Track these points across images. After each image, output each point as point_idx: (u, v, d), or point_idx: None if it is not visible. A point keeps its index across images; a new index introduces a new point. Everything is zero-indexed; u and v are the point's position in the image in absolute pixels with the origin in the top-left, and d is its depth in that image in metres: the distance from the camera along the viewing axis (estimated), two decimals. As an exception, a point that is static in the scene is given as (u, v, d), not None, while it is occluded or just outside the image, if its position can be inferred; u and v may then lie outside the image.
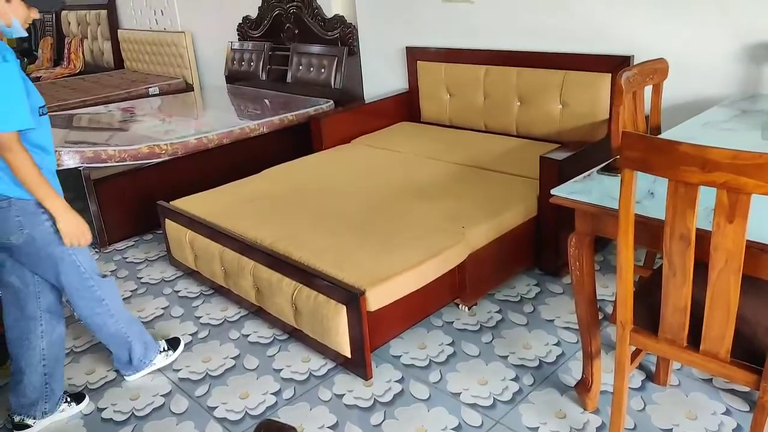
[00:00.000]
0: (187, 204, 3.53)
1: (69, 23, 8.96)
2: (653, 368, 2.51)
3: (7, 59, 2.09)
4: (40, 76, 8.37)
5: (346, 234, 2.97)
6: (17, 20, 2.28)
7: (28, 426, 2.54)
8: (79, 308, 2.56)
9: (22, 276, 2.46)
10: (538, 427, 2.33)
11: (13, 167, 2.14)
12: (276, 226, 3.14)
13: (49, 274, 2.44)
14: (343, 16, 5.04)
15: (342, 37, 5.06)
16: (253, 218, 3.26)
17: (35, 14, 2.36)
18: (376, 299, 2.53)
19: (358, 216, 3.16)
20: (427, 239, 2.84)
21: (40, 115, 2.27)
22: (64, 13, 9.04)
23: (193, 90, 6.81)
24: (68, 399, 2.65)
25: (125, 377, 2.81)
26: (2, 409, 2.65)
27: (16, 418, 2.54)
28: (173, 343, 2.96)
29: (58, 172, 2.50)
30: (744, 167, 1.47)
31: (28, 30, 2.35)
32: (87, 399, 2.69)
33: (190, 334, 3.11)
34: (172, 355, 2.91)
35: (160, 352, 2.87)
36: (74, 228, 2.36)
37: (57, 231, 2.33)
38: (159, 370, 2.85)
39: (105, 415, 2.60)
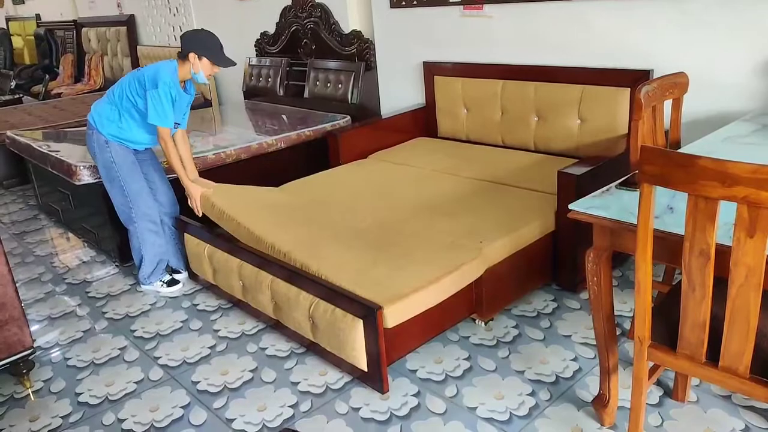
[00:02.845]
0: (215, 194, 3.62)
1: (89, 40, 9.09)
2: (671, 384, 2.49)
3: (169, 85, 3.34)
4: (61, 93, 8.49)
5: (363, 249, 2.98)
6: (203, 73, 3.41)
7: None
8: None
9: None
10: (555, 443, 2.32)
11: (165, 150, 3.46)
12: (294, 234, 3.17)
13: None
14: (360, 32, 5.08)
15: (359, 53, 5.10)
16: (272, 223, 3.30)
17: (217, 70, 3.46)
18: (394, 316, 2.53)
19: (375, 231, 3.17)
20: (444, 255, 2.84)
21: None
22: (84, 30, 9.19)
23: (211, 105, 6.87)
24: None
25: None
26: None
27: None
28: (172, 282, 3.76)
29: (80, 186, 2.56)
30: (765, 182, 1.46)
31: (50, 46, 3.45)
32: (179, 285, 3.78)
33: (209, 347, 3.13)
34: (166, 290, 3.72)
35: (160, 281, 3.74)
36: (191, 195, 3.59)
37: (114, 162, 3.51)
38: (178, 382, 2.87)
39: (125, 426, 2.62)
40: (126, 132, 3.51)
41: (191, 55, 3.36)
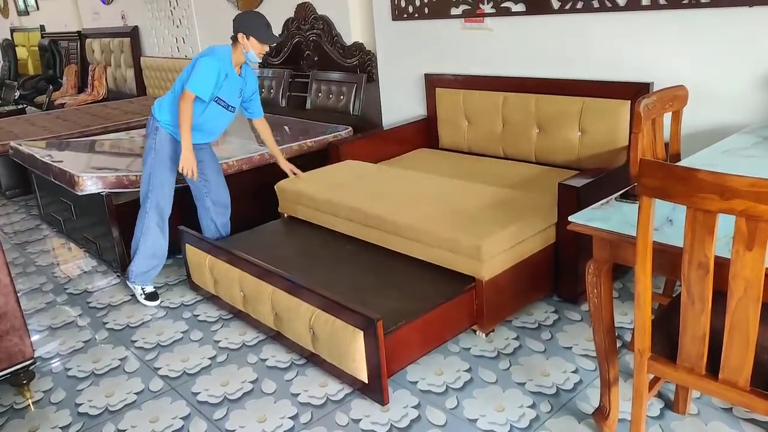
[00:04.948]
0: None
1: (93, 51, 9.14)
2: (672, 396, 2.48)
3: (219, 60, 3.41)
4: (65, 103, 8.53)
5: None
6: (253, 51, 3.48)
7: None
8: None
9: None
10: (556, 456, 2.32)
11: (179, 109, 3.39)
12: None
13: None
14: (362, 44, 5.11)
15: (361, 64, 5.12)
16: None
17: (266, 48, 3.57)
18: (491, 249, 2.85)
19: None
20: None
21: (215, 102, 3.53)
22: (88, 41, 9.24)
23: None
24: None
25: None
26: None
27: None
28: (152, 297, 3.76)
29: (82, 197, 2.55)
30: (764, 195, 1.47)
31: (54, 56, 3.52)
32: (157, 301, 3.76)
33: (209, 358, 3.13)
34: (144, 301, 3.74)
35: (141, 289, 3.76)
36: (185, 160, 3.46)
37: (154, 149, 3.58)
38: (178, 392, 2.87)
39: (124, 437, 2.63)
40: (176, 117, 3.52)
41: (240, 36, 3.43)
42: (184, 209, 4.00)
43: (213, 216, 3.86)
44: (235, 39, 3.47)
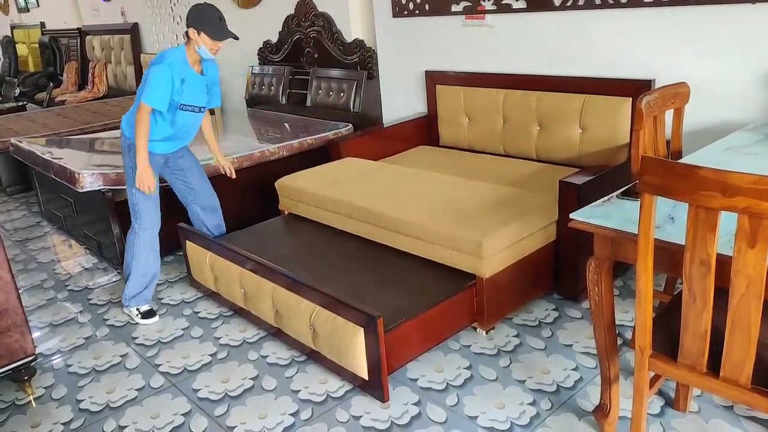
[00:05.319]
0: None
1: (93, 48, 9.13)
2: (673, 394, 2.49)
3: (169, 66, 3.20)
4: (65, 100, 8.52)
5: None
6: (204, 48, 3.25)
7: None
8: None
9: None
10: (556, 453, 2.32)
11: (135, 122, 3.22)
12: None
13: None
14: (362, 41, 5.10)
15: (361, 61, 5.11)
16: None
17: (221, 45, 3.30)
18: (491, 247, 2.86)
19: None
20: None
21: (180, 109, 3.33)
22: (88, 38, 9.23)
23: (214, 114, 6.89)
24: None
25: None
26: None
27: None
28: (148, 314, 3.54)
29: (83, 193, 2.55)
30: (766, 192, 1.46)
31: (54, 53, 3.39)
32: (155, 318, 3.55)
33: (210, 355, 3.14)
34: (140, 320, 3.51)
35: (137, 310, 3.53)
36: (143, 177, 3.28)
37: (132, 168, 3.33)
38: (179, 389, 2.87)
39: (124, 434, 2.63)
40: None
41: (191, 32, 3.23)
42: (183, 207, 4.00)
43: (204, 220, 3.76)
44: (187, 35, 3.27)
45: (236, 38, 3.35)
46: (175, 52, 3.29)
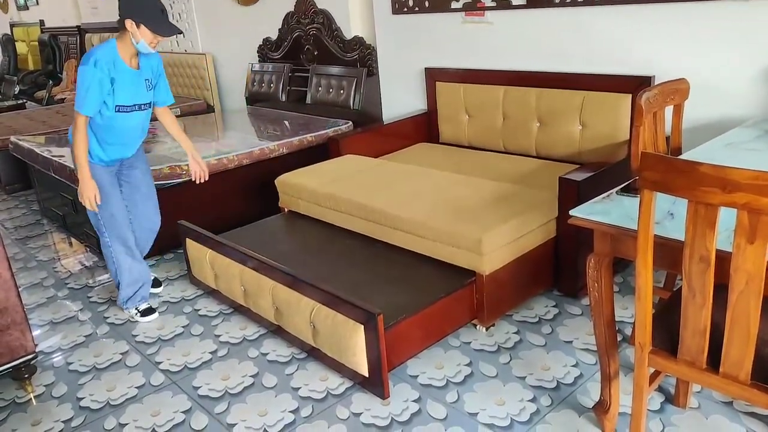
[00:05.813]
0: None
1: (93, 45, 9.11)
2: (673, 390, 2.49)
3: (96, 66, 2.92)
4: (65, 98, 8.50)
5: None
6: (144, 41, 2.97)
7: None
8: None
9: None
10: (556, 449, 2.32)
11: (72, 132, 3.03)
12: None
13: None
14: (362, 38, 5.09)
15: (361, 59, 5.11)
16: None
17: (160, 39, 3.02)
18: (491, 243, 2.86)
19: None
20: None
21: (116, 112, 3.07)
22: (87, 36, 9.21)
23: (214, 111, 6.90)
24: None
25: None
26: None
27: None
28: (147, 312, 3.50)
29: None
30: (765, 188, 1.47)
31: (53, 51, 3.25)
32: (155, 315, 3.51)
33: (210, 352, 3.14)
34: (139, 318, 3.48)
35: (135, 309, 3.49)
36: (84, 190, 3.09)
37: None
38: (179, 387, 2.87)
39: (127, 430, 2.63)
40: (91, 142, 3.14)
41: (128, 23, 2.94)
42: (183, 204, 4.01)
43: (138, 241, 3.48)
44: (122, 26, 2.97)
45: (181, 33, 3.15)
46: (102, 49, 3.00)
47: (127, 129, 3.19)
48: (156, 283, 3.68)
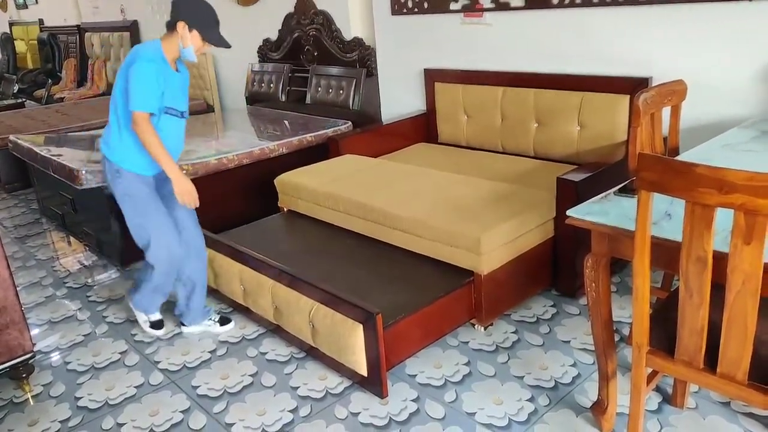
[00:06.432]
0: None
1: (92, 45, 9.11)
2: (670, 390, 2.49)
3: (153, 62, 2.79)
4: (64, 97, 8.51)
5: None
6: (192, 47, 2.88)
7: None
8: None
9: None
10: (554, 449, 2.32)
11: (141, 139, 2.79)
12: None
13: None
14: (361, 39, 5.10)
15: (360, 59, 5.11)
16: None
17: (207, 48, 2.96)
18: (489, 243, 2.87)
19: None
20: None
21: (165, 113, 2.91)
22: (87, 35, 9.21)
23: (214, 111, 6.89)
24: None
25: (181, 326, 3.33)
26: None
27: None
28: (158, 325, 3.35)
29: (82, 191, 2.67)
30: (761, 189, 1.48)
31: (53, 50, 3.07)
32: (232, 324, 3.34)
33: (209, 352, 3.14)
34: (218, 329, 3.30)
35: (209, 320, 3.31)
36: (182, 189, 2.91)
37: (128, 194, 2.96)
38: (178, 386, 2.87)
39: (125, 430, 2.63)
40: (129, 149, 2.92)
41: (180, 25, 2.83)
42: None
43: (182, 265, 3.16)
44: (172, 27, 2.87)
45: (229, 47, 3.02)
46: (151, 46, 2.88)
47: (171, 136, 2.96)
48: (225, 320, 3.34)
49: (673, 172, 1.63)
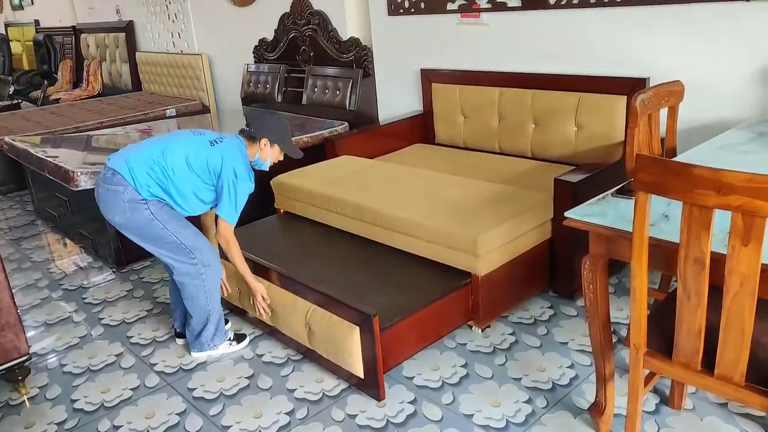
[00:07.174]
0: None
1: (88, 46, 9.10)
2: (668, 391, 2.49)
3: (251, 180, 2.89)
4: (60, 98, 8.49)
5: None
6: (270, 159, 3.03)
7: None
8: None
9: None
10: (552, 451, 2.32)
11: (225, 249, 2.94)
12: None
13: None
14: (358, 39, 5.09)
15: (357, 60, 5.11)
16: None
17: (281, 157, 3.09)
18: (486, 245, 2.87)
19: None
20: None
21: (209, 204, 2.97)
22: (83, 36, 9.19)
23: (209, 112, 6.88)
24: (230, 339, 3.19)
25: (191, 352, 3.12)
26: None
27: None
28: (240, 338, 3.20)
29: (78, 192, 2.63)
30: (759, 190, 1.47)
31: (48, 51, 3.03)
32: (247, 340, 3.20)
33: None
34: (236, 347, 3.15)
35: (228, 340, 3.15)
36: (257, 295, 3.03)
37: (155, 218, 2.83)
38: (174, 388, 2.86)
39: (119, 433, 2.62)
40: (169, 198, 2.88)
41: (263, 141, 2.95)
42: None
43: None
44: (254, 140, 2.95)
45: (301, 156, 3.14)
46: (245, 158, 2.92)
47: (190, 209, 2.97)
48: (241, 337, 3.23)
49: (670, 174, 1.62)
